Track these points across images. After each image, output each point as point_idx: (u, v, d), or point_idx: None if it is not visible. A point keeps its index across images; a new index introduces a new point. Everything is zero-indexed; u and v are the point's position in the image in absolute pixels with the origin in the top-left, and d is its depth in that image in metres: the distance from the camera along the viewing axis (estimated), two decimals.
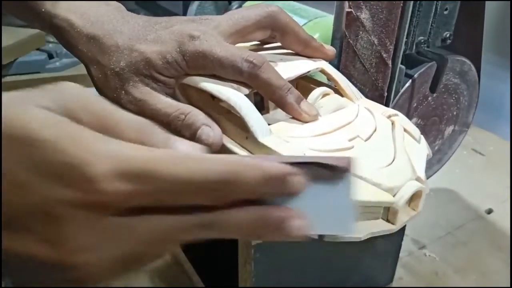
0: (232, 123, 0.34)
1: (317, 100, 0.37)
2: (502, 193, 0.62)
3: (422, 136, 0.37)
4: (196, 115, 0.34)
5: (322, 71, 0.39)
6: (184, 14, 0.68)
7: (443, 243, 0.53)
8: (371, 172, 0.31)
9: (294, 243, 0.33)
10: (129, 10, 0.39)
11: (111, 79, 0.35)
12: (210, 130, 0.33)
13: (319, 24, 0.55)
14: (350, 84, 0.40)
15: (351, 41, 0.43)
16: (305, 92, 0.37)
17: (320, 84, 0.41)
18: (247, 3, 0.63)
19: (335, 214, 0.24)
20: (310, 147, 0.31)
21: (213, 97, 0.35)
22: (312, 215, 0.23)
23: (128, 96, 0.35)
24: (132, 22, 0.36)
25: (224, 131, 0.34)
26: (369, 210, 0.31)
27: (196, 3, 0.66)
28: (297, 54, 0.40)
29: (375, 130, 0.35)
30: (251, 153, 0.33)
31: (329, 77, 0.39)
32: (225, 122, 0.34)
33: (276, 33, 0.38)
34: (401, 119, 0.37)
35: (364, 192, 0.30)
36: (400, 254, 0.45)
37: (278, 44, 0.40)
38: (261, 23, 0.37)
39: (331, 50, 0.40)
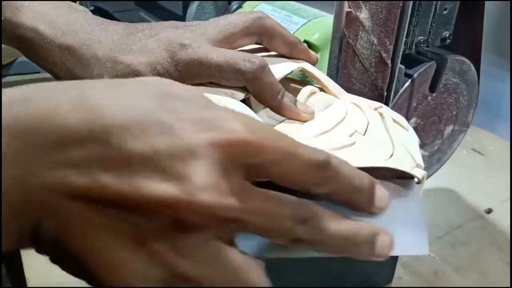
0: None
1: (307, 99, 0.37)
2: (502, 193, 0.61)
3: (408, 124, 0.38)
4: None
5: (303, 70, 0.39)
6: (184, 14, 0.68)
7: (443, 243, 0.53)
8: (382, 165, 0.31)
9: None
10: (129, 10, 0.37)
11: None
12: None
13: (319, 24, 0.55)
14: (331, 80, 0.40)
15: (350, 41, 0.43)
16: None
17: (299, 83, 0.41)
18: (247, 3, 0.63)
19: (408, 234, 0.24)
20: (316, 146, 0.32)
21: None
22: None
23: None
24: (110, 30, 0.33)
25: None
26: None
27: (196, 3, 0.66)
28: (278, 56, 0.40)
29: (368, 124, 0.35)
30: None
31: (311, 76, 0.40)
32: None
33: (264, 38, 0.38)
34: (387, 110, 0.37)
35: None
36: None
37: (255, 46, 0.40)
38: (249, 30, 0.36)
39: (314, 55, 0.40)
